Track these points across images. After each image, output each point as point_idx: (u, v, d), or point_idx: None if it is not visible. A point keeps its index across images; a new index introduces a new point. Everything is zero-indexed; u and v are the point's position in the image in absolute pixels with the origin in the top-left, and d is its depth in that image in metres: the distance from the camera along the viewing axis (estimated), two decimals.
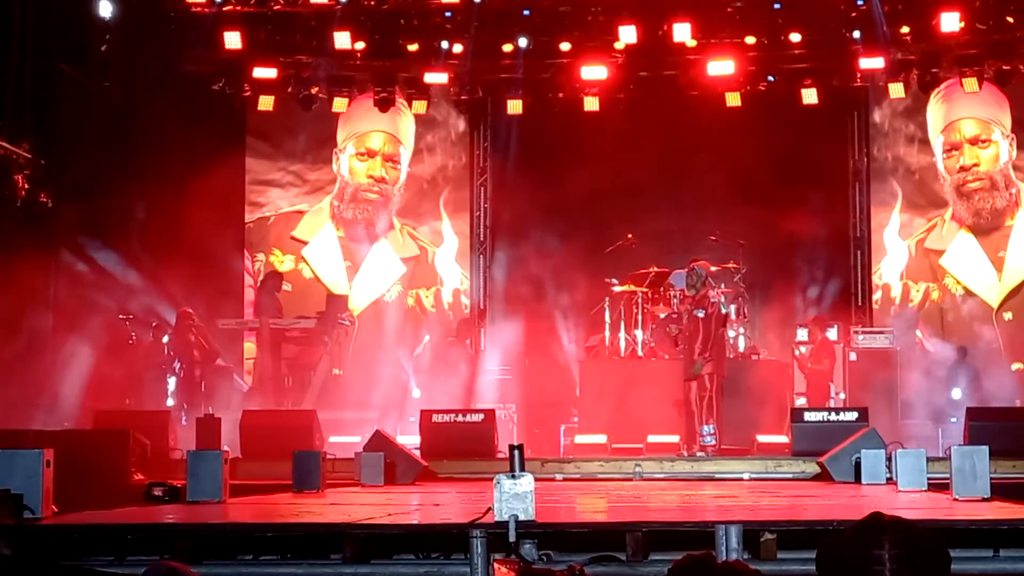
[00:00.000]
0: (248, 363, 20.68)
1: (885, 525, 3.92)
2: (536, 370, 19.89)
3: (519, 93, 21.04)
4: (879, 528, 3.92)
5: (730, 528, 6.66)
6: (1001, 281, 20.88)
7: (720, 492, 11.76)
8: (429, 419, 15.93)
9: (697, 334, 16.17)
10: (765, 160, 20.87)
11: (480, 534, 7.21)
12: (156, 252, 19.38)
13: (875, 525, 3.95)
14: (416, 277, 21.99)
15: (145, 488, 11.64)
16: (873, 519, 4.02)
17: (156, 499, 11.36)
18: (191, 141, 20.13)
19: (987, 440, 11.44)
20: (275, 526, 8.11)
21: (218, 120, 20.98)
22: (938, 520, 8.05)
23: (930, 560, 3.89)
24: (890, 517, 3.98)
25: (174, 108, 19.53)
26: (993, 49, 19.90)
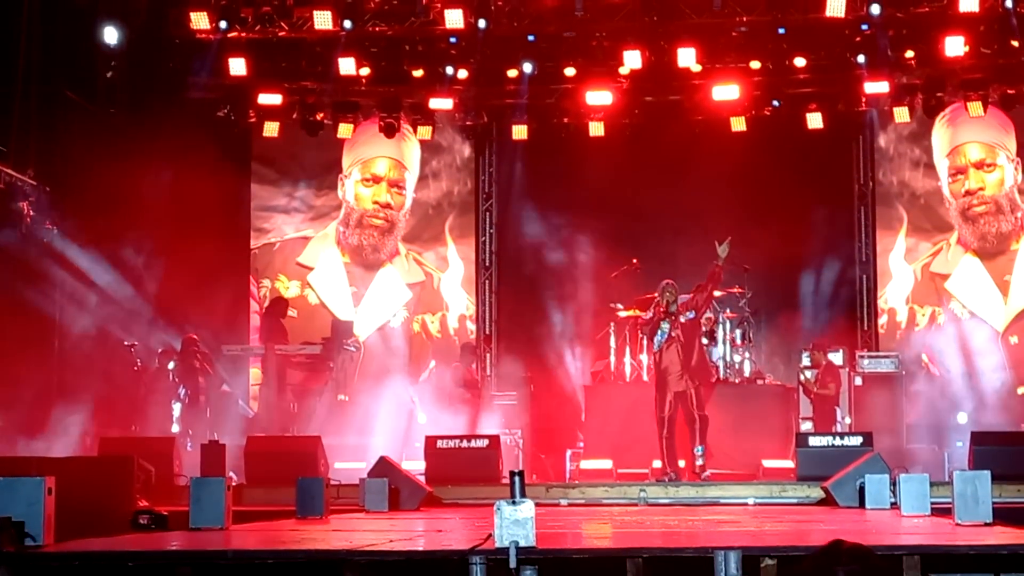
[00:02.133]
0: (253, 389, 20.69)
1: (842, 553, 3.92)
2: (541, 395, 19.87)
3: (524, 118, 21.11)
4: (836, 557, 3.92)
5: (729, 554, 6.64)
6: (1007, 305, 20.87)
7: (724, 517, 11.72)
8: (434, 445, 15.93)
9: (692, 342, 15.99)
10: (770, 185, 20.91)
11: (480, 560, 7.20)
12: (162, 278, 19.39)
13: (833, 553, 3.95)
14: (422, 303, 22.01)
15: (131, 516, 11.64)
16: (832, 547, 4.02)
17: (142, 527, 11.36)
18: (196, 168, 20.12)
19: (992, 464, 11.42)
20: (276, 553, 8.10)
21: (223, 146, 21.00)
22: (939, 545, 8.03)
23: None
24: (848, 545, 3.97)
25: (179, 135, 19.56)
26: (998, 73, 19.94)
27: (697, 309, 16.18)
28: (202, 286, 19.60)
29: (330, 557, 7.89)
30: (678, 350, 15.90)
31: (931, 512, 10.88)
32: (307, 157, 21.93)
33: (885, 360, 18.99)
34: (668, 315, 15.95)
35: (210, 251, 19.57)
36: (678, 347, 15.92)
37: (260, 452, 15.68)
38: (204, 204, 19.71)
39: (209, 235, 19.49)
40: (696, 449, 15.71)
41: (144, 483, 14.04)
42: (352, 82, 20.56)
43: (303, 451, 15.65)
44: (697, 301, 16.19)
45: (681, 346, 15.93)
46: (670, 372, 15.94)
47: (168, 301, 19.33)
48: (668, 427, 15.93)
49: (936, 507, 10.93)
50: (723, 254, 15.93)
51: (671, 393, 15.90)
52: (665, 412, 15.92)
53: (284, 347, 19.69)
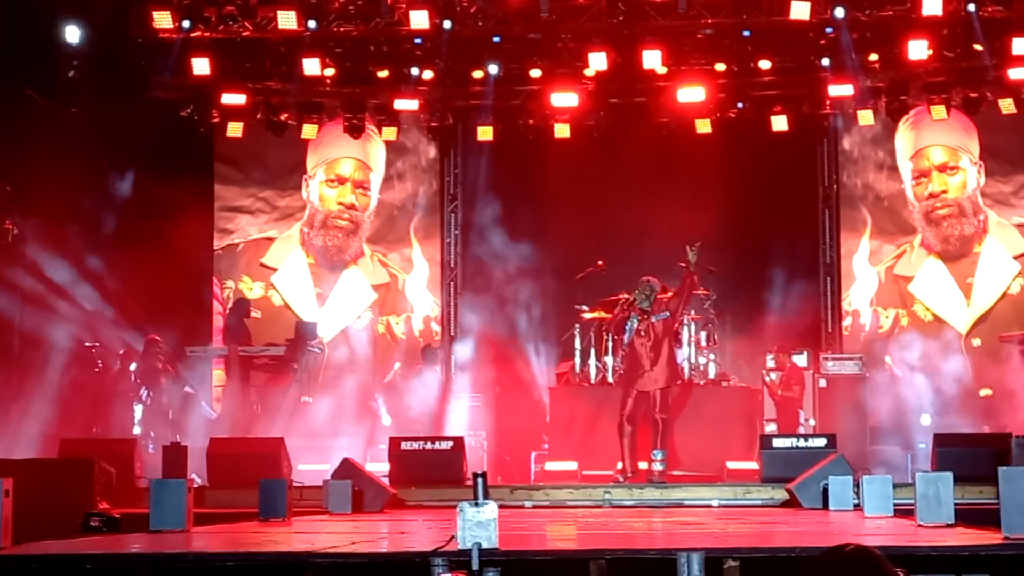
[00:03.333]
0: (217, 391, 20.59)
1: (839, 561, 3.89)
2: (506, 397, 19.83)
3: (489, 120, 21.08)
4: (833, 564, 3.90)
5: (692, 556, 6.62)
6: (969, 307, 20.97)
7: (688, 519, 11.72)
8: (398, 446, 15.85)
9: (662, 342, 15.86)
10: (735, 187, 20.95)
11: (442, 562, 7.16)
12: (124, 279, 19.25)
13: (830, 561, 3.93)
14: (386, 304, 21.96)
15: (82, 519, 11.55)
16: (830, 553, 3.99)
17: (93, 530, 11.27)
18: (159, 168, 20.05)
19: (955, 466, 11.46)
20: (237, 555, 8.03)
21: (187, 146, 20.92)
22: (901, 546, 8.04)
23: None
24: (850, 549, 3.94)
25: (142, 134, 19.46)
26: (961, 77, 20.04)
27: (673, 312, 16.05)
28: (165, 287, 19.49)
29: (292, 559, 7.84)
30: (647, 349, 15.80)
31: (894, 513, 10.90)
32: (271, 158, 21.86)
33: (849, 362, 19.04)
34: (640, 312, 15.83)
35: (173, 252, 19.46)
36: (647, 346, 15.81)
37: (223, 454, 15.58)
38: (167, 204, 19.61)
39: (172, 236, 19.38)
40: (654, 453, 15.51)
41: (105, 485, 13.94)
42: (316, 82, 20.49)
43: (266, 453, 15.54)
44: (672, 303, 16.07)
45: (649, 346, 15.82)
46: (636, 371, 15.80)
47: (130, 302, 19.19)
48: (629, 427, 15.84)
49: (899, 508, 10.95)
50: (693, 259, 15.87)
51: (634, 392, 15.80)
52: (627, 410, 15.78)
53: (247, 348, 19.59)
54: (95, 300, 18.84)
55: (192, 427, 18.03)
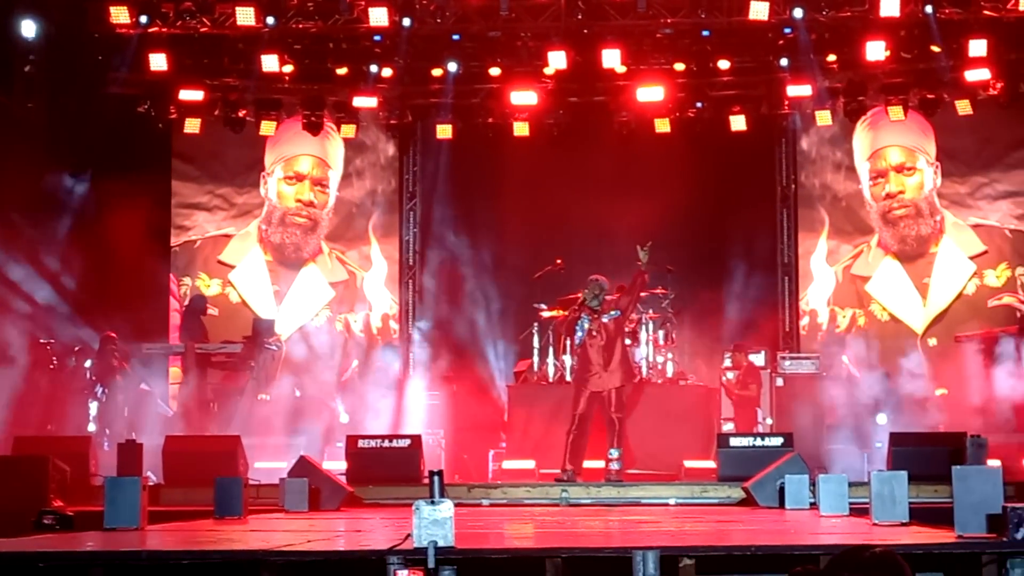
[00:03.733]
0: (173, 388, 20.47)
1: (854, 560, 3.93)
2: (464, 395, 19.79)
3: (449, 118, 21.07)
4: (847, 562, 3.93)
5: (647, 554, 6.62)
6: (926, 307, 21.10)
7: (644, 518, 11.72)
8: (355, 444, 15.80)
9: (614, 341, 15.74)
10: (694, 186, 21.03)
11: (397, 561, 7.13)
12: (80, 276, 19.13)
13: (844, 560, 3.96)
14: (344, 302, 21.91)
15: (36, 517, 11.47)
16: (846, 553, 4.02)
17: (47, 528, 11.20)
18: (116, 164, 19.94)
19: (910, 465, 11.48)
20: (191, 553, 7.99)
21: (144, 143, 20.80)
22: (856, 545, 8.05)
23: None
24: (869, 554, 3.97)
25: (99, 130, 19.34)
26: (918, 78, 20.16)
27: (623, 310, 15.98)
28: (121, 284, 19.40)
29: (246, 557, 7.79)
30: (599, 348, 15.75)
31: (849, 512, 10.93)
32: (229, 154, 21.76)
33: (806, 361, 19.10)
34: (590, 311, 15.79)
35: (130, 248, 19.35)
36: (599, 345, 15.73)
37: (178, 452, 15.49)
38: (124, 201, 19.49)
39: (129, 232, 19.26)
40: (610, 452, 15.51)
41: (59, 483, 13.83)
42: (275, 79, 20.43)
43: (222, 451, 15.47)
44: (623, 302, 16.01)
45: (602, 345, 15.76)
46: (588, 370, 15.72)
47: (86, 299, 19.08)
48: (579, 425, 15.67)
49: (855, 507, 10.97)
50: (644, 259, 15.84)
51: (587, 392, 15.74)
52: (579, 410, 15.73)
53: (204, 346, 19.50)
54: (50, 297, 18.71)
55: (148, 425, 17.89)
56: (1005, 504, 7.90)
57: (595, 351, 15.66)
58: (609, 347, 15.68)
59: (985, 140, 21.04)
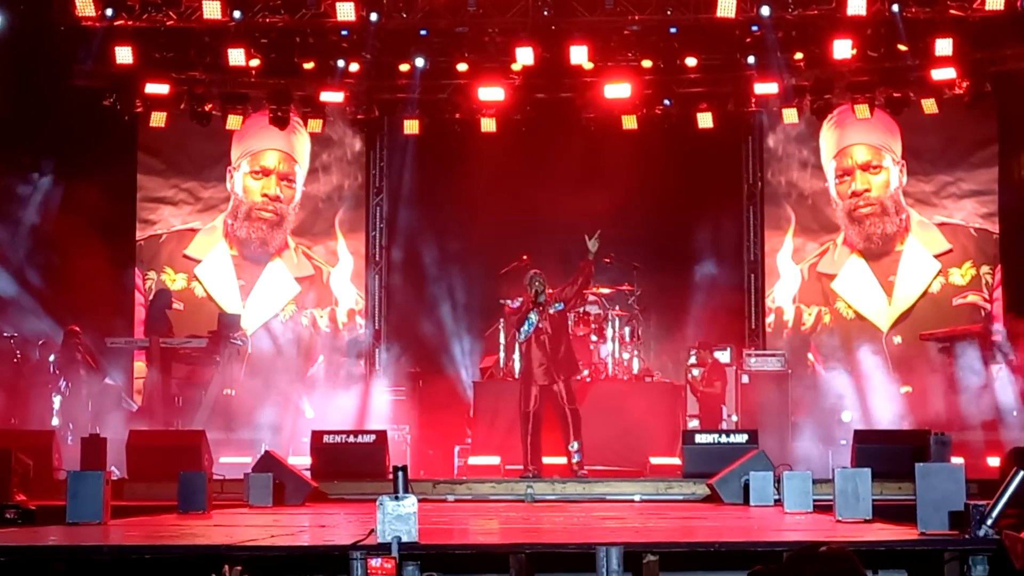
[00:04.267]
0: (137, 383, 20.38)
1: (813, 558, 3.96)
2: (430, 391, 19.80)
3: (416, 113, 21.04)
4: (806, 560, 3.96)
5: (611, 550, 6.63)
6: (891, 305, 21.18)
7: (609, 514, 11.73)
8: (320, 440, 15.76)
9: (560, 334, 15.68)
10: (661, 183, 21.07)
11: (361, 556, 7.12)
12: (44, 269, 19.05)
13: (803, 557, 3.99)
14: (310, 297, 21.85)
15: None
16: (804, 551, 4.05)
17: (8, 522, 11.13)
18: (81, 157, 19.84)
19: (874, 462, 11.52)
20: (154, 548, 7.96)
21: (109, 136, 20.68)
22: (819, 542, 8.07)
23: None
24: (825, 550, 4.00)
25: (64, 123, 19.23)
26: (884, 76, 20.23)
27: (566, 301, 15.89)
28: (86, 277, 19.27)
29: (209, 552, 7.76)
30: (545, 342, 15.60)
31: (813, 509, 10.97)
32: (195, 148, 21.67)
33: (772, 358, 19.18)
34: (536, 305, 15.70)
35: (95, 242, 19.24)
36: (545, 339, 15.59)
37: (142, 446, 15.43)
38: (89, 194, 19.38)
39: (94, 226, 19.15)
40: (570, 445, 15.48)
41: (22, 477, 13.72)
42: (242, 73, 20.34)
43: (187, 445, 15.42)
44: (566, 293, 15.94)
45: (548, 338, 15.57)
46: (535, 365, 15.63)
47: (50, 292, 18.98)
48: (533, 422, 15.60)
49: (819, 504, 11.02)
50: (593, 248, 15.82)
51: (536, 387, 15.66)
52: (530, 407, 15.62)
53: (169, 340, 19.41)
54: (14, 290, 18.60)
55: (112, 419, 17.81)
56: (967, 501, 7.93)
57: (540, 345, 15.59)
58: (555, 340, 15.61)
59: (950, 139, 21.13)
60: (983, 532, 7.54)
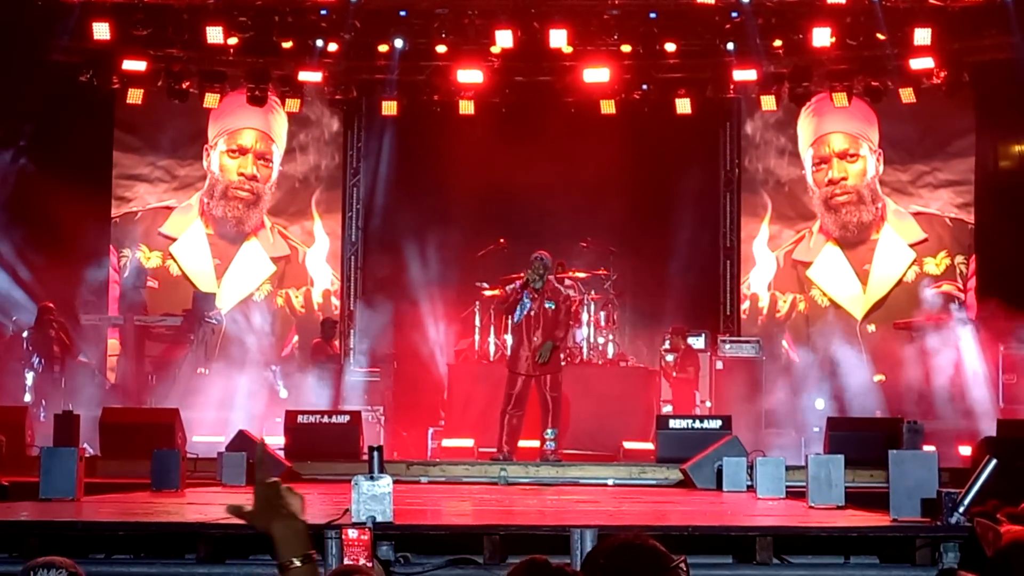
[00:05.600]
0: (112, 360, 20.32)
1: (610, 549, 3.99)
2: (404, 373, 19.81)
3: (394, 94, 20.97)
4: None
5: (585, 532, 6.64)
6: (866, 294, 21.23)
7: (583, 497, 11.77)
8: (294, 420, 15.75)
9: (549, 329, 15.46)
10: (638, 168, 21.08)
11: (335, 535, 7.13)
12: (18, 246, 18.96)
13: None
14: (286, 277, 21.79)
15: None
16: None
17: None
18: (57, 133, 19.75)
19: (846, 450, 11.57)
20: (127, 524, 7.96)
21: (85, 112, 20.58)
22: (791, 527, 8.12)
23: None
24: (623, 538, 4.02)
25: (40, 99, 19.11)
26: (863, 65, 20.26)
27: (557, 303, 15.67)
28: (61, 254, 19.20)
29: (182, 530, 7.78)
30: (534, 331, 15.54)
31: (786, 495, 11.01)
32: (172, 126, 21.55)
33: (746, 345, 19.21)
34: (532, 291, 15.63)
35: (70, 219, 19.14)
36: (536, 328, 15.52)
37: (116, 424, 15.40)
38: (64, 171, 19.31)
39: (69, 203, 19.05)
40: (547, 432, 15.47)
41: None
42: (220, 51, 20.25)
43: (160, 423, 15.39)
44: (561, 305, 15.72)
45: (539, 329, 15.45)
46: (521, 354, 15.58)
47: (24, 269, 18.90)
48: (514, 404, 15.53)
49: (791, 490, 11.07)
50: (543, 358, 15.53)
51: (520, 373, 15.63)
52: (514, 389, 15.57)
53: (143, 318, 19.38)
54: None
55: (85, 396, 17.77)
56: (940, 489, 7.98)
57: (531, 333, 15.51)
58: (544, 334, 15.48)
59: (928, 129, 21.18)
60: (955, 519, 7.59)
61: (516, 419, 15.53)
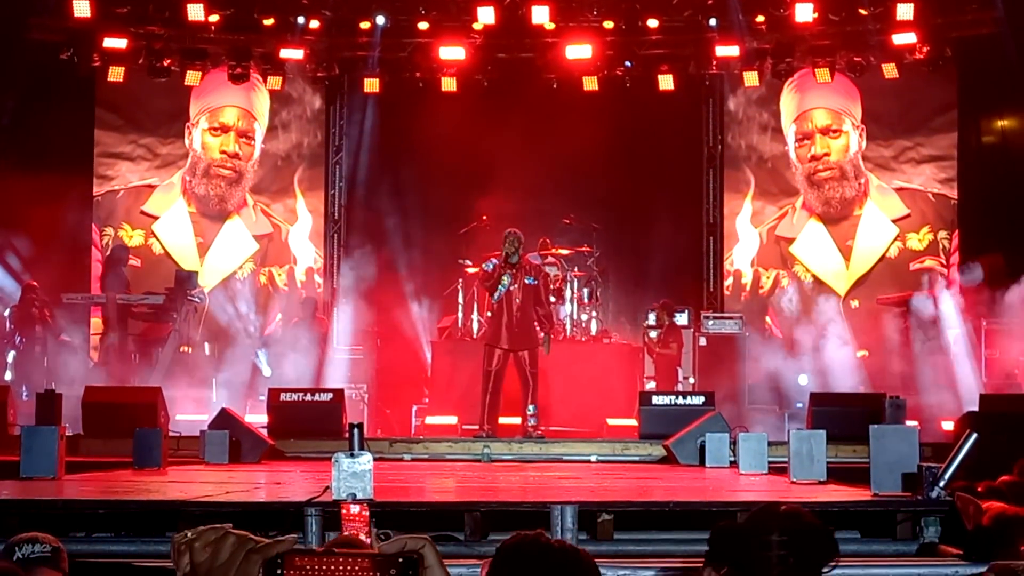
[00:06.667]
0: (94, 339, 20.25)
1: (778, 514, 4.01)
2: (388, 350, 19.78)
3: (376, 71, 20.94)
4: (771, 516, 4.00)
5: (565, 508, 6.64)
6: (849, 269, 21.25)
7: (565, 474, 11.76)
8: (277, 398, 15.70)
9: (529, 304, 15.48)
10: (621, 145, 21.04)
11: (315, 512, 7.12)
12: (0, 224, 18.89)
13: (768, 514, 4.02)
14: (269, 255, 21.76)
15: None
16: (767, 507, 4.08)
17: None
18: (38, 111, 19.68)
19: (829, 425, 11.57)
20: (107, 503, 7.94)
21: (67, 90, 20.50)
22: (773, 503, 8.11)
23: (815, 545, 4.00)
24: (785, 508, 4.06)
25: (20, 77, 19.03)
26: (845, 40, 20.27)
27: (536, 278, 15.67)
28: (43, 233, 19.14)
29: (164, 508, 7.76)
30: (514, 309, 15.42)
31: (768, 471, 11.02)
32: (153, 104, 21.48)
33: (729, 321, 19.22)
34: (509, 266, 15.56)
35: (52, 198, 19.08)
36: (516, 304, 15.45)
37: (99, 402, 15.32)
38: (46, 149, 19.25)
39: (51, 181, 18.99)
40: (528, 408, 15.46)
41: None
42: (201, 29, 20.19)
43: (143, 402, 15.32)
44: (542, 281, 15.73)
45: (518, 304, 15.41)
46: (502, 329, 15.51)
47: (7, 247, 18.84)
48: (494, 382, 15.48)
49: (774, 466, 11.07)
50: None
51: (500, 349, 15.58)
52: (492, 366, 15.52)
53: (126, 296, 19.29)
54: None
55: (67, 375, 17.71)
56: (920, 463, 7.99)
57: (509, 311, 15.45)
58: (524, 307, 15.47)
59: (910, 104, 21.18)
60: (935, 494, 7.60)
61: (496, 396, 15.52)
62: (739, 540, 4.03)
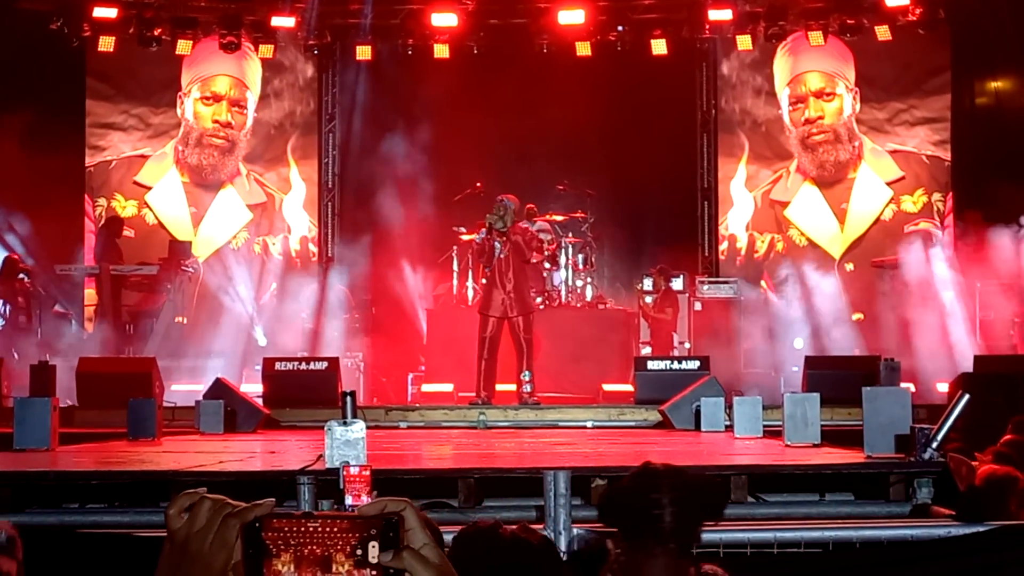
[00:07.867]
0: (88, 310, 20.21)
1: (660, 472, 4.04)
2: (383, 318, 19.78)
3: (368, 39, 20.86)
4: (655, 475, 4.02)
5: (559, 474, 6.62)
6: (843, 233, 21.24)
7: (561, 440, 11.77)
8: (272, 367, 15.69)
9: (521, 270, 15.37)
10: (614, 110, 20.97)
11: (308, 480, 7.11)
12: None
13: (651, 473, 4.05)
14: (263, 224, 21.71)
15: None
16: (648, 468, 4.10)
17: None
18: (28, 82, 19.60)
19: (824, 388, 11.58)
20: (100, 473, 7.93)
21: (57, 60, 20.42)
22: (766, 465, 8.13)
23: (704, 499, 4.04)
24: (663, 466, 4.09)
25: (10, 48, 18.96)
26: (838, 3, 20.22)
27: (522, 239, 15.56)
28: (36, 205, 19.09)
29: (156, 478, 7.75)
30: (506, 274, 15.35)
31: (763, 434, 11.02)
32: (145, 74, 21.40)
33: (725, 286, 19.24)
34: (499, 234, 15.38)
35: (44, 169, 19.04)
36: (506, 270, 15.34)
37: (93, 373, 15.31)
38: (37, 120, 19.17)
39: (42, 152, 18.95)
40: (523, 375, 15.43)
41: None
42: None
43: (137, 373, 15.30)
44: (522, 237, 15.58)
45: (510, 271, 15.34)
46: (494, 296, 15.47)
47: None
48: (489, 348, 15.45)
49: (769, 430, 11.07)
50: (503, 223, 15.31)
51: (494, 316, 15.52)
52: (487, 332, 15.47)
53: (119, 267, 19.25)
54: None
55: (61, 347, 17.69)
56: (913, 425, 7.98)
57: (501, 276, 15.40)
58: (517, 274, 15.39)
59: (904, 66, 21.14)
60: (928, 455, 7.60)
61: (491, 363, 15.50)
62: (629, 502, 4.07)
